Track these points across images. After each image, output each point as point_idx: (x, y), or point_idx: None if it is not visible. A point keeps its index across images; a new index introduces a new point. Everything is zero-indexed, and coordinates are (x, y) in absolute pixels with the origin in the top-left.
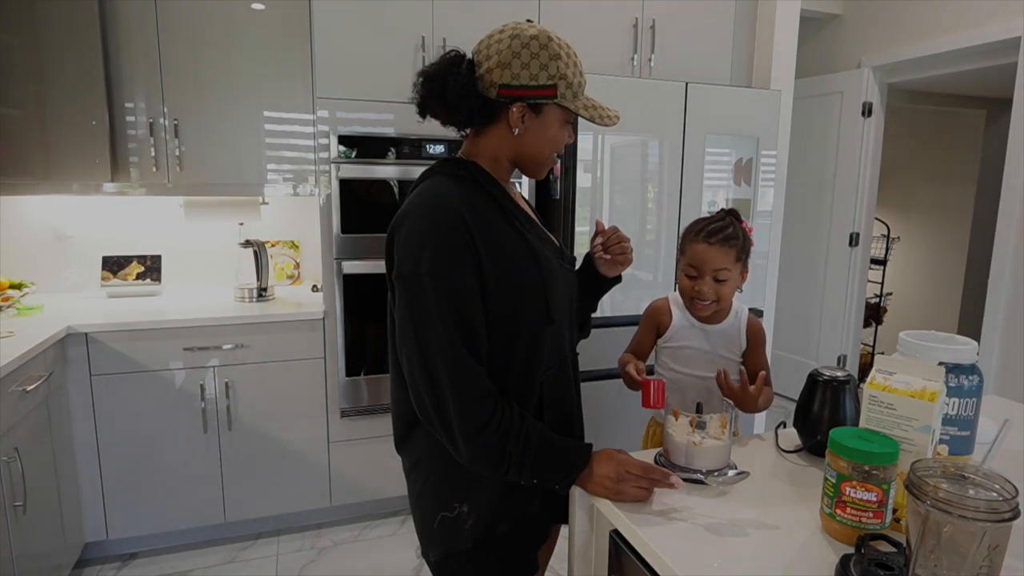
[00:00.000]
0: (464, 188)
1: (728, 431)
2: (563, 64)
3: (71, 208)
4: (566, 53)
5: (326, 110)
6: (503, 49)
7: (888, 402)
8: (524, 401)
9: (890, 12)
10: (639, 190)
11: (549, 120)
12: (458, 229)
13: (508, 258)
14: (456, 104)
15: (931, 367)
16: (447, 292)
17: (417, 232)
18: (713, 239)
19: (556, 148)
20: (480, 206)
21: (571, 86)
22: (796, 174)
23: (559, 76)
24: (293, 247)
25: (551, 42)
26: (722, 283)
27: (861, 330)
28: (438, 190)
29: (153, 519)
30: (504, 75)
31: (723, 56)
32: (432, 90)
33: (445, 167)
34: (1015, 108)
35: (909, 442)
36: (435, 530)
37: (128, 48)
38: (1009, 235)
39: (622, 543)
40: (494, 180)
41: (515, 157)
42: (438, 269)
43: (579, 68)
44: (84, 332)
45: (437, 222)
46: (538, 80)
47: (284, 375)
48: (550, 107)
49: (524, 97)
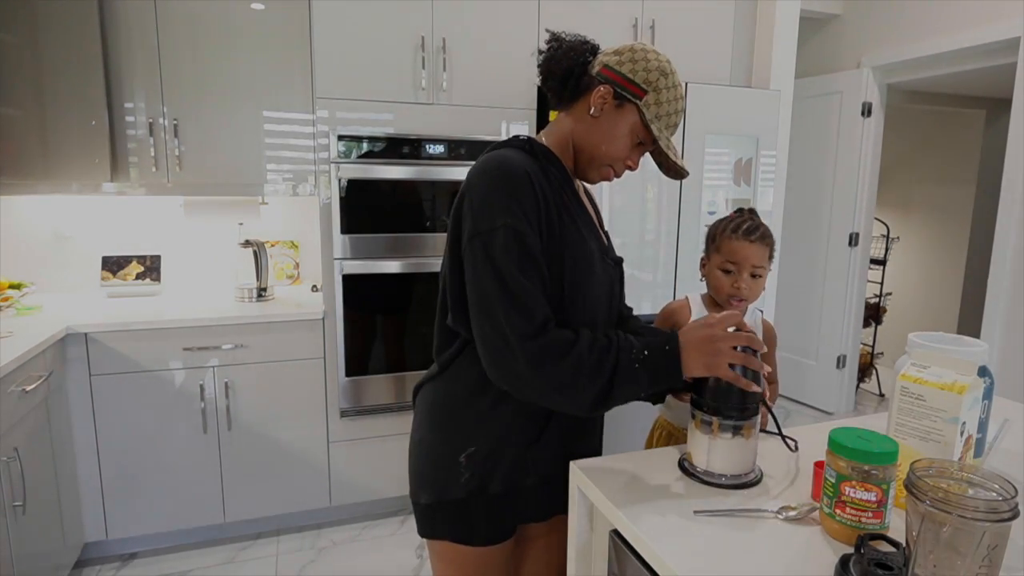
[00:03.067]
0: (528, 160)
1: (754, 431)
2: (664, 83)
3: (71, 208)
4: (674, 84)
5: (326, 110)
6: (626, 47)
7: (918, 393)
8: None
9: (890, 12)
10: (639, 190)
11: (623, 118)
12: (528, 187)
13: (558, 230)
14: (569, 67)
15: (966, 363)
16: (527, 244)
17: (489, 192)
18: (753, 236)
19: (616, 152)
20: (541, 178)
21: (660, 105)
22: (796, 174)
23: (654, 87)
24: (293, 247)
25: (666, 64)
26: (757, 280)
27: (861, 330)
28: (503, 157)
29: (153, 519)
30: (612, 59)
31: (723, 56)
32: (555, 51)
33: (509, 141)
34: (1015, 108)
35: (938, 433)
36: (432, 475)
37: (128, 48)
38: (1009, 235)
39: (622, 543)
40: (558, 161)
41: (580, 143)
42: (516, 223)
43: (678, 107)
44: (83, 332)
45: (507, 181)
46: (635, 76)
47: (284, 375)
48: (630, 108)
49: (615, 82)
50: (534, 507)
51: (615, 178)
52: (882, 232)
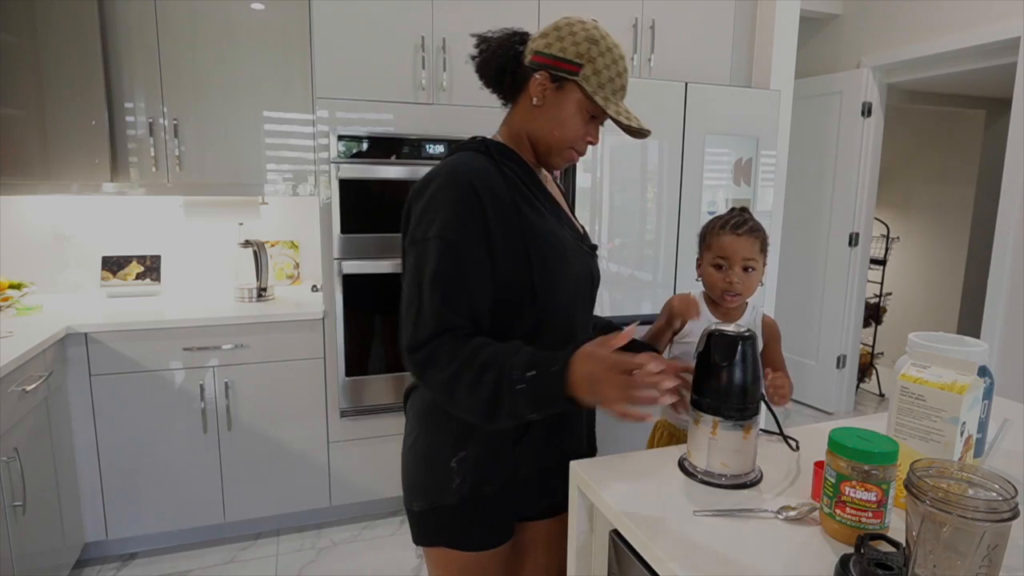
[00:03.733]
0: (482, 162)
1: (754, 431)
2: (596, 50)
3: (71, 208)
4: (607, 47)
5: (326, 110)
6: (551, 26)
7: (918, 393)
8: None
9: (890, 12)
10: (639, 190)
11: (567, 99)
12: (469, 198)
13: (517, 231)
14: (500, 64)
15: (966, 363)
16: (453, 258)
17: (432, 200)
18: (741, 229)
19: (570, 135)
20: (495, 179)
21: (598, 73)
22: (796, 174)
23: (588, 58)
24: (293, 247)
25: (594, 31)
26: (750, 274)
27: (861, 330)
28: (455, 162)
29: (153, 519)
30: (540, 44)
31: (723, 56)
32: (484, 52)
33: (468, 144)
34: (1015, 108)
35: (938, 433)
36: (423, 482)
37: (128, 48)
38: (1009, 235)
39: (622, 543)
40: (516, 156)
41: (534, 134)
42: (447, 234)
43: (618, 69)
44: (84, 332)
45: (450, 191)
46: (566, 54)
47: (284, 375)
48: (570, 86)
49: (548, 66)
50: (529, 502)
51: (580, 157)
52: (882, 232)
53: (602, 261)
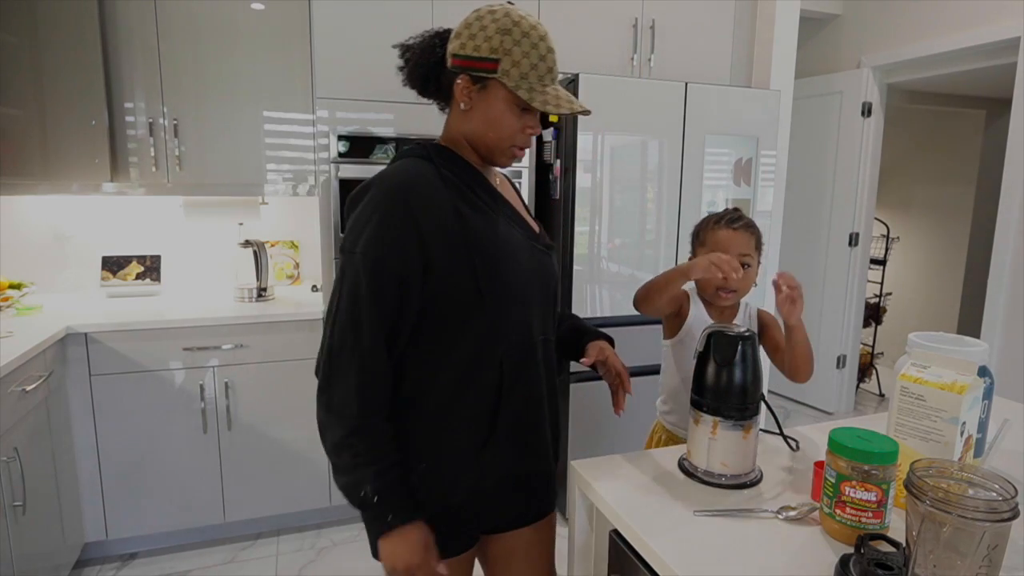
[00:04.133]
0: (422, 168)
1: (754, 431)
2: (511, 41)
3: (71, 208)
4: (523, 33)
5: (326, 110)
6: (463, 24)
7: (918, 393)
8: (479, 383)
9: (890, 12)
10: (639, 190)
11: (494, 97)
12: (398, 210)
13: (459, 237)
14: (424, 73)
15: (966, 363)
16: (373, 273)
17: (363, 211)
18: (736, 224)
19: (505, 134)
20: (433, 187)
21: (518, 65)
22: (796, 174)
23: (503, 51)
24: (293, 247)
25: (504, 19)
26: (745, 271)
27: (861, 330)
28: (392, 172)
29: (153, 519)
30: (455, 46)
31: (723, 56)
32: (408, 62)
33: (411, 150)
34: (1015, 108)
35: (938, 433)
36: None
37: (128, 48)
38: (1009, 235)
39: (622, 543)
40: (458, 159)
41: (470, 138)
42: (371, 250)
43: (540, 53)
44: (84, 332)
45: (379, 203)
46: (480, 52)
47: (284, 375)
48: (494, 84)
49: (467, 68)
50: (496, 512)
51: (524, 150)
52: (882, 232)
53: (602, 261)
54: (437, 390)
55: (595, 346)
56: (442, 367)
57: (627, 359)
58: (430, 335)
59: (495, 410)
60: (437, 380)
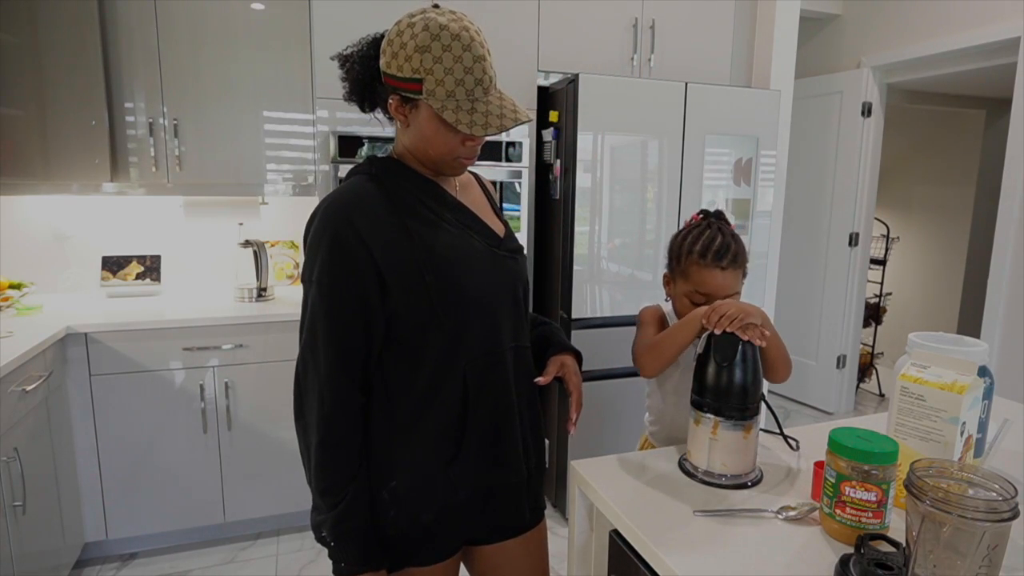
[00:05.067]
0: (367, 188)
1: (754, 431)
2: (430, 59)
3: (71, 208)
4: (443, 47)
5: (326, 110)
6: (387, 39)
7: (918, 393)
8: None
9: (890, 12)
10: (639, 190)
11: (425, 119)
12: (344, 233)
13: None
14: (361, 90)
15: (966, 363)
16: (329, 300)
17: (312, 238)
18: (724, 262)
19: (445, 148)
20: (378, 207)
21: (442, 84)
22: (796, 174)
23: (424, 71)
24: (293, 247)
25: (423, 34)
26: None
27: (861, 330)
28: (335, 196)
29: (153, 519)
30: (383, 61)
31: (723, 56)
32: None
33: (357, 167)
34: (1015, 108)
35: (938, 433)
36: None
37: (128, 48)
38: (1008, 235)
39: (622, 543)
40: (408, 172)
41: (415, 153)
42: (323, 277)
43: (465, 65)
44: (84, 332)
45: (326, 228)
46: (403, 72)
47: (284, 375)
48: (422, 103)
49: (395, 88)
50: (474, 524)
51: (471, 159)
52: (882, 232)
53: (602, 261)
54: (403, 407)
55: (555, 361)
56: (406, 383)
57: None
58: (392, 353)
59: (462, 424)
60: (403, 397)
